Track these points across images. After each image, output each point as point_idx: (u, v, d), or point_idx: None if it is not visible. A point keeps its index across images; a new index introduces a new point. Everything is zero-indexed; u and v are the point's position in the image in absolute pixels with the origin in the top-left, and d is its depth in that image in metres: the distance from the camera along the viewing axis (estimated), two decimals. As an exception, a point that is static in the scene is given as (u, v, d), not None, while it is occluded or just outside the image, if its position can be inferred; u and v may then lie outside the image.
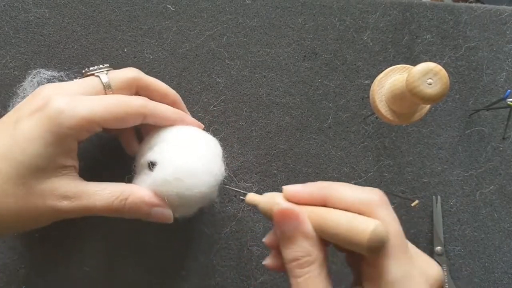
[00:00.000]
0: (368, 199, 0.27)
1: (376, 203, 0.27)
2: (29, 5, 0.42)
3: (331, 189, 0.28)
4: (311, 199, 0.28)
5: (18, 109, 0.32)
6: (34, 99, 0.32)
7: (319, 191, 0.28)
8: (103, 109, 0.32)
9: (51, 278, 0.39)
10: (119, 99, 0.33)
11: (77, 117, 0.30)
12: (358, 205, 0.27)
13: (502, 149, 0.44)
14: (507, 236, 0.43)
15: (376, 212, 0.26)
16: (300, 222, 0.27)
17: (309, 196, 0.28)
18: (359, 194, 0.27)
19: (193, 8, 0.44)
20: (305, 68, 0.44)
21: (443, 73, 0.31)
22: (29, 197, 0.31)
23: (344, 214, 0.26)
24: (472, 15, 0.46)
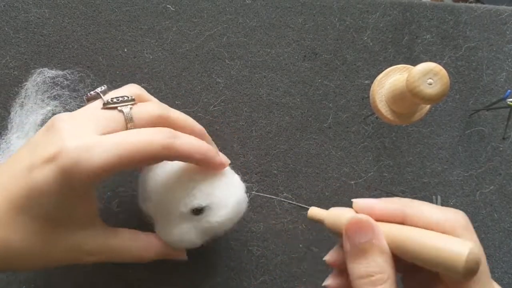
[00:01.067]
0: (455, 220, 0.25)
1: (463, 225, 0.25)
2: (29, 5, 0.42)
3: (412, 206, 0.26)
4: (388, 215, 0.26)
5: (32, 150, 0.29)
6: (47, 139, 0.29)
7: (398, 207, 0.26)
8: (121, 155, 0.28)
9: (51, 278, 0.39)
10: (140, 142, 0.29)
11: (91, 170, 0.27)
12: (444, 226, 0.24)
13: (502, 149, 0.44)
14: (507, 236, 0.42)
15: (462, 235, 0.24)
16: (376, 235, 0.25)
17: (386, 212, 0.26)
18: (444, 214, 0.25)
19: (193, 8, 0.44)
20: (305, 68, 0.44)
21: (443, 73, 0.31)
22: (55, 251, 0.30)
23: (429, 233, 0.24)
24: (472, 15, 0.46)
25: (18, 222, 0.29)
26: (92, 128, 0.29)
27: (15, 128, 0.38)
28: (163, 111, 0.33)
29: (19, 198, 0.28)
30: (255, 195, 0.41)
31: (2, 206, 0.28)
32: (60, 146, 0.28)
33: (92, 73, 0.42)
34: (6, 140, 0.38)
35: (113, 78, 0.42)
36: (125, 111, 0.31)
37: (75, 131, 0.29)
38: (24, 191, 0.28)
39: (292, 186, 0.42)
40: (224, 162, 0.34)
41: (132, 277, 0.39)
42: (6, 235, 0.28)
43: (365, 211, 0.26)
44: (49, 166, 0.28)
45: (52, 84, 0.41)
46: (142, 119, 0.31)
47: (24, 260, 0.30)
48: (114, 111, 0.31)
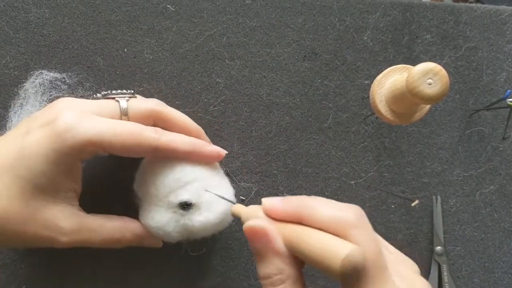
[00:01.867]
0: (343, 219, 0.25)
1: (352, 223, 0.25)
2: (29, 5, 0.42)
3: (307, 207, 0.26)
4: (288, 216, 0.27)
5: (31, 120, 0.32)
6: (47, 111, 0.31)
7: (295, 208, 0.27)
8: (112, 134, 0.31)
9: (51, 278, 0.39)
10: (131, 127, 0.32)
11: (82, 137, 0.30)
12: (334, 225, 0.25)
13: (502, 149, 0.44)
14: (507, 236, 0.43)
15: (351, 233, 0.25)
16: (269, 240, 0.26)
17: (285, 213, 0.27)
18: (334, 213, 0.26)
19: (193, 8, 0.44)
20: (305, 68, 0.44)
21: (443, 73, 0.31)
22: (31, 222, 0.30)
23: (317, 235, 0.25)
24: (472, 15, 0.46)
25: (6, 182, 0.29)
26: (88, 109, 0.32)
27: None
28: (158, 106, 0.34)
29: (9, 159, 0.30)
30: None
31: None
32: (56, 115, 0.30)
33: (92, 75, 0.42)
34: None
35: (113, 78, 0.42)
36: (121, 102, 0.33)
37: (72, 107, 0.31)
38: (15, 150, 0.30)
39: (292, 186, 0.42)
40: (218, 151, 0.36)
41: (131, 278, 0.39)
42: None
43: (269, 211, 0.28)
44: (42, 129, 0.30)
45: (51, 87, 0.41)
46: (137, 112, 0.33)
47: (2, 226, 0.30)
48: (111, 100, 0.33)
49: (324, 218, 0.25)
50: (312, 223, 0.26)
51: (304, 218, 0.26)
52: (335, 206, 0.26)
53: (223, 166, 0.41)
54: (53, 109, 0.31)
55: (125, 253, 0.39)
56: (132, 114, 0.33)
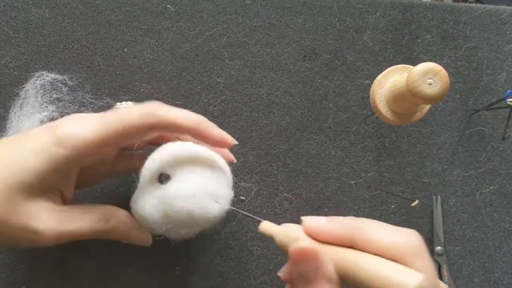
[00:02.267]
0: (405, 245, 0.24)
1: (413, 249, 0.24)
2: (29, 5, 0.42)
3: (362, 229, 0.24)
4: (337, 238, 0.25)
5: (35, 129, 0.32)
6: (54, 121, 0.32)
7: (347, 230, 0.25)
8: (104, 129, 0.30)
9: (51, 278, 0.39)
10: (119, 116, 0.31)
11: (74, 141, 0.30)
12: (394, 251, 0.23)
13: (502, 149, 0.44)
14: (507, 236, 0.43)
15: (412, 261, 0.23)
16: (321, 264, 0.24)
17: (335, 235, 0.25)
18: (395, 238, 0.24)
19: (193, 8, 0.44)
20: (305, 68, 0.44)
21: (443, 73, 0.31)
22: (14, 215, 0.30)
23: (378, 261, 0.23)
24: (472, 15, 0.46)
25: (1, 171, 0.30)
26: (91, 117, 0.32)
27: (12, 130, 0.38)
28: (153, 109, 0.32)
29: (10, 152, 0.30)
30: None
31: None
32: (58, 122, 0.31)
33: (92, 75, 0.42)
34: (2, 141, 0.38)
35: (113, 78, 0.42)
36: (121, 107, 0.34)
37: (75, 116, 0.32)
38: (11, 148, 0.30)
39: (292, 186, 0.42)
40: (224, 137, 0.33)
41: (131, 278, 0.39)
42: None
43: (314, 232, 0.26)
44: (44, 132, 0.31)
45: (52, 88, 0.41)
46: None
47: None
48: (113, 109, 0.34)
49: (383, 243, 0.24)
50: (367, 248, 0.24)
51: (357, 242, 0.24)
52: (392, 230, 0.25)
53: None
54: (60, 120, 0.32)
55: (125, 253, 0.39)
56: None
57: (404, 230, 0.25)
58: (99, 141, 0.30)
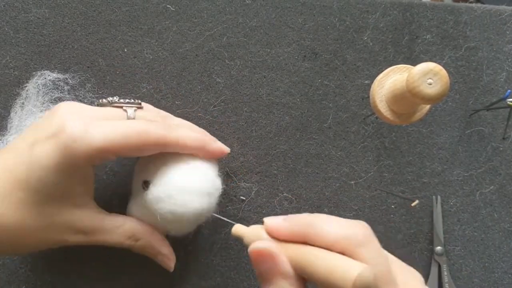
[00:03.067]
0: (350, 237, 0.24)
1: (359, 241, 0.24)
2: (29, 5, 0.42)
3: (312, 226, 0.26)
4: (292, 236, 0.26)
5: (36, 129, 0.31)
6: (50, 120, 0.31)
7: (300, 227, 0.26)
8: (119, 138, 0.30)
9: (51, 278, 0.39)
10: (137, 127, 0.31)
11: (90, 147, 0.29)
12: (341, 244, 0.24)
13: (502, 149, 0.44)
14: (507, 236, 0.43)
15: (360, 251, 0.24)
16: (276, 262, 0.26)
17: (289, 233, 0.26)
18: (341, 231, 0.25)
19: (193, 8, 0.44)
20: (305, 68, 0.44)
21: (443, 73, 0.31)
22: (47, 229, 0.30)
23: (324, 255, 0.24)
24: (472, 15, 0.46)
25: (14, 197, 0.29)
26: (94, 115, 0.31)
27: (14, 129, 0.38)
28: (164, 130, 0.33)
29: (19, 172, 0.29)
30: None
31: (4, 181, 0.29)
32: (62, 125, 0.29)
33: (92, 75, 0.42)
34: (4, 140, 0.38)
35: (113, 78, 0.42)
36: (129, 112, 0.33)
37: (78, 114, 0.30)
38: (24, 164, 0.29)
39: (292, 186, 0.42)
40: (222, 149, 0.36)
41: (131, 278, 0.39)
42: (6, 210, 0.29)
43: (273, 232, 0.27)
44: (50, 141, 0.29)
45: (53, 87, 0.41)
46: None
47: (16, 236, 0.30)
48: (119, 109, 0.33)
49: (331, 236, 0.25)
50: (318, 242, 0.25)
51: (309, 238, 0.25)
52: (341, 223, 0.26)
53: (223, 166, 0.41)
54: (56, 117, 0.30)
55: (125, 253, 0.39)
56: None
57: (352, 222, 0.26)
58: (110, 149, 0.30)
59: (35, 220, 0.30)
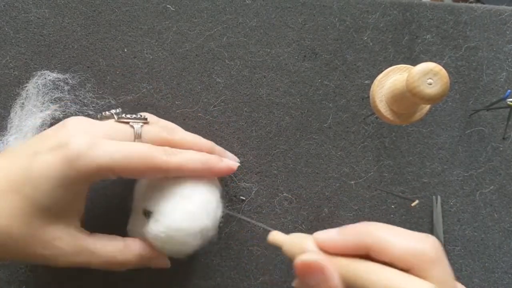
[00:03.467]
0: (421, 253, 0.22)
1: (431, 258, 0.22)
2: (29, 5, 0.42)
3: (374, 237, 0.23)
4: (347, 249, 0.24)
5: (40, 139, 0.31)
6: (56, 132, 0.31)
7: (359, 240, 0.24)
8: (122, 159, 0.30)
9: (51, 278, 0.39)
10: (143, 151, 0.31)
11: (94, 164, 0.29)
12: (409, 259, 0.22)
13: (502, 149, 0.44)
14: (507, 236, 0.43)
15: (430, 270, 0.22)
16: (327, 277, 0.23)
17: (347, 247, 0.24)
18: (409, 245, 0.23)
19: (193, 8, 0.44)
20: (305, 68, 0.44)
21: (443, 73, 0.31)
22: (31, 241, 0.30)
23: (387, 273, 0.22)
24: (472, 15, 0.46)
25: (10, 200, 0.29)
26: (101, 132, 0.31)
27: (14, 129, 0.38)
28: (170, 135, 0.34)
29: (18, 177, 0.29)
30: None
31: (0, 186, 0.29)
32: (67, 138, 0.29)
33: (92, 75, 0.42)
34: (4, 141, 0.38)
35: (113, 78, 0.42)
36: (136, 127, 0.33)
37: (84, 130, 0.31)
38: (22, 170, 0.29)
39: (292, 186, 0.42)
40: (229, 166, 0.36)
41: (131, 277, 0.39)
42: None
43: (327, 246, 0.25)
44: (53, 152, 0.29)
45: (53, 87, 0.41)
46: (150, 137, 0.33)
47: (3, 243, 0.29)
48: (125, 125, 0.33)
49: (397, 250, 0.23)
50: (382, 256, 0.23)
51: (371, 249, 0.23)
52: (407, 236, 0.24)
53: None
54: (63, 131, 0.30)
55: (125, 253, 0.39)
56: (145, 139, 0.33)
57: (420, 236, 0.24)
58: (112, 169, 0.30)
59: (19, 228, 0.29)
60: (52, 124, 0.40)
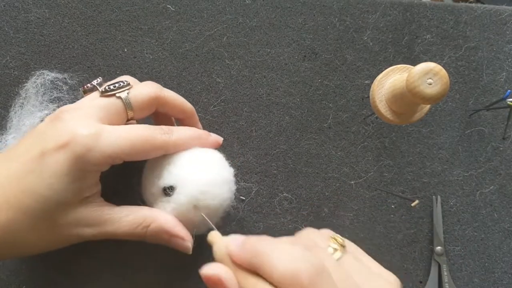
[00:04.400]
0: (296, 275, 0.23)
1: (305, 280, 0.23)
2: (29, 5, 0.42)
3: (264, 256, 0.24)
4: (246, 264, 0.26)
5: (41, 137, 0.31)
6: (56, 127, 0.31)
7: (252, 257, 0.25)
8: (128, 145, 0.31)
9: (52, 278, 0.39)
10: (144, 133, 0.32)
11: (103, 155, 0.30)
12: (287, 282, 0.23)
13: (502, 149, 0.44)
14: (507, 236, 0.43)
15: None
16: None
17: (242, 261, 0.26)
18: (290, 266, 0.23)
19: (193, 8, 0.44)
20: (305, 68, 0.44)
21: (443, 73, 0.31)
22: (54, 229, 0.31)
23: None
24: (472, 15, 0.46)
25: (24, 204, 0.30)
26: (96, 116, 0.31)
27: (13, 129, 0.38)
28: (157, 92, 0.35)
29: (27, 181, 0.30)
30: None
31: (11, 190, 0.30)
32: (71, 134, 0.30)
33: (92, 75, 0.42)
34: (2, 140, 0.38)
35: (113, 78, 0.42)
36: (123, 97, 0.33)
37: (82, 120, 0.31)
38: (34, 173, 0.30)
39: (292, 186, 0.42)
40: (218, 140, 0.37)
41: (131, 278, 0.39)
42: (11, 216, 0.29)
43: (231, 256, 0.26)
44: (62, 152, 0.29)
45: (52, 87, 0.41)
46: (140, 102, 0.34)
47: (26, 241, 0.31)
48: (112, 98, 0.33)
49: (278, 273, 0.24)
50: (268, 277, 0.24)
51: (260, 270, 0.25)
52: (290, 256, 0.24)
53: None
54: (62, 127, 0.30)
55: (126, 253, 0.39)
56: (136, 106, 0.33)
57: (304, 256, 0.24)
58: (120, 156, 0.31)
59: (44, 224, 0.30)
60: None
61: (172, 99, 0.36)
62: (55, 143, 0.30)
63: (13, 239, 0.30)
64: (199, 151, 0.35)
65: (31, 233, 0.30)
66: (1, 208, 0.29)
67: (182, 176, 0.33)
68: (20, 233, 0.30)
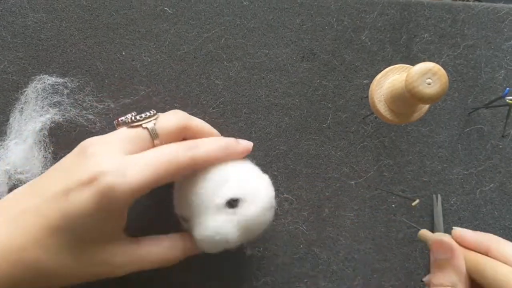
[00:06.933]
0: None
1: None
2: (26, 10, 0.42)
3: (496, 242, 0.31)
4: (476, 246, 0.31)
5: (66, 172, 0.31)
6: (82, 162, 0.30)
7: (485, 240, 0.31)
8: (153, 174, 0.30)
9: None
10: (167, 158, 0.31)
11: (129, 191, 0.29)
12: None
13: (501, 147, 0.44)
14: (507, 234, 0.43)
15: None
16: (454, 255, 0.31)
17: (475, 243, 0.32)
18: None
19: (191, 11, 0.44)
20: (304, 69, 0.44)
21: (442, 73, 0.31)
22: (84, 268, 0.31)
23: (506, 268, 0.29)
24: (470, 13, 0.46)
25: (51, 242, 0.29)
26: (121, 148, 0.31)
27: (14, 134, 0.38)
28: (183, 120, 0.34)
29: (54, 220, 0.29)
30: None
31: (35, 227, 0.29)
32: (95, 170, 0.29)
33: (91, 79, 0.42)
34: (4, 146, 0.38)
35: (111, 82, 0.42)
36: (150, 127, 0.32)
37: (107, 154, 0.30)
38: (59, 213, 0.29)
39: (292, 187, 0.42)
40: (248, 146, 0.36)
41: (130, 278, 0.39)
42: (38, 255, 0.29)
43: (461, 238, 0.33)
44: (87, 189, 0.29)
45: (52, 92, 0.41)
46: (166, 132, 0.33)
47: (54, 279, 0.30)
48: (139, 129, 0.32)
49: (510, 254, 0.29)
50: (498, 256, 0.30)
51: (492, 252, 0.30)
52: None
53: None
54: (87, 162, 0.30)
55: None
56: (163, 136, 0.33)
57: None
58: (147, 187, 0.30)
59: (71, 263, 0.30)
60: (51, 128, 0.40)
61: (199, 128, 0.35)
62: (79, 180, 0.29)
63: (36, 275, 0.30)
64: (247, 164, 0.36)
65: (62, 270, 0.30)
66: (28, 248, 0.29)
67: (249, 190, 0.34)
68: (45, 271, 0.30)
